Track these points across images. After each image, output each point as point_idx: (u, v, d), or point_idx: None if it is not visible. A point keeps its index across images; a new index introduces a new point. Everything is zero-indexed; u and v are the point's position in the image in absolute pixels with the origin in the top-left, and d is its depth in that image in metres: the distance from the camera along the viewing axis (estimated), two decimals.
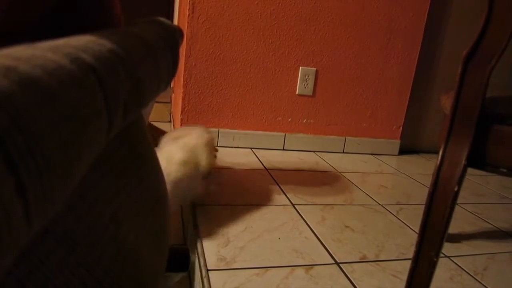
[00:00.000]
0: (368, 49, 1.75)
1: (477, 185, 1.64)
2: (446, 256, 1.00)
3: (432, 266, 0.67)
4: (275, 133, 1.74)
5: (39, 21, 0.29)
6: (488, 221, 1.25)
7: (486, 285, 0.89)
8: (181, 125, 1.62)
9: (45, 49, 0.21)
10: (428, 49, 1.88)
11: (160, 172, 0.39)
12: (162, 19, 0.40)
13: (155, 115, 2.30)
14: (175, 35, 0.39)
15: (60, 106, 0.19)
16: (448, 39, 1.92)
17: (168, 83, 0.37)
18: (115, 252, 0.29)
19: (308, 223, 1.07)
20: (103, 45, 0.26)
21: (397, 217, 1.19)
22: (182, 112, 1.61)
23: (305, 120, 1.76)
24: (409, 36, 1.79)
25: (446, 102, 0.80)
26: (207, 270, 0.81)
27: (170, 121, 2.37)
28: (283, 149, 1.75)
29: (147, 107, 0.88)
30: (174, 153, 1.04)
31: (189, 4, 1.51)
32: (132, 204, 0.32)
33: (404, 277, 0.88)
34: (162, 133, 1.25)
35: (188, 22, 1.53)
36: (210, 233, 0.95)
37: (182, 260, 0.77)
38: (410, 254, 0.98)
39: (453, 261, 0.98)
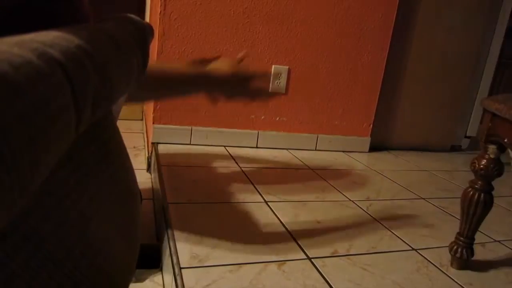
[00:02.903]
0: (339, 49, 1.78)
1: (443, 181, 1.71)
2: (413, 249, 1.03)
3: None
4: (248, 130, 1.74)
5: (4, 16, 0.28)
6: (453, 215, 1.30)
7: (451, 276, 0.93)
8: (153, 123, 1.60)
9: (11, 44, 0.21)
10: (397, 48, 1.93)
11: (130, 169, 0.39)
12: (132, 15, 0.39)
13: (126, 112, 2.26)
14: (145, 31, 0.39)
15: (27, 100, 0.19)
16: (416, 38, 1.98)
17: (138, 79, 0.37)
18: (85, 248, 0.29)
19: (281, 220, 1.09)
20: (71, 41, 0.25)
21: (367, 212, 1.22)
22: (154, 110, 1.59)
23: (278, 118, 1.77)
24: (379, 35, 1.83)
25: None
26: (180, 268, 0.80)
27: (142, 119, 2.33)
28: (257, 147, 1.76)
29: (117, 104, 0.86)
30: None
31: (160, 1, 1.49)
32: (102, 200, 0.32)
33: (374, 270, 0.90)
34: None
35: (159, 19, 1.51)
36: (183, 231, 0.94)
37: (153, 257, 0.76)
38: (380, 248, 1.01)
39: (419, 253, 1.02)
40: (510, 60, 2.35)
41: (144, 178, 1.52)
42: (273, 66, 1.70)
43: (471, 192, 0.92)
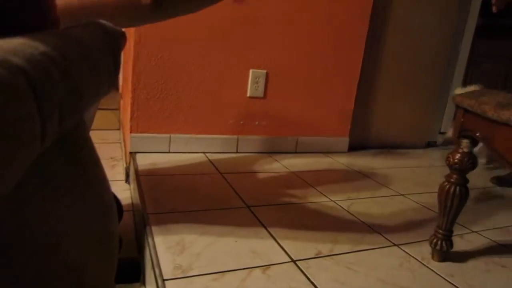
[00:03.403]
0: (315, 51, 1.80)
1: (421, 177, 1.74)
2: (394, 245, 1.05)
3: None
4: (227, 136, 1.74)
5: None
6: (432, 209, 1.32)
7: (433, 269, 0.94)
8: (130, 132, 1.57)
9: None
10: (372, 49, 1.97)
11: (105, 180, 0.38)
12: (103, 21, 0.39)
13: (103, 122, 2.22)
14: (117, 37, 0.38)
15: None
16: (390, 39, 2.02)
17: (110, 87, 0.36)
18: (56, 266, 0.27)
19: (264, 224, 1.08)
20: (36, 48, 0.24)
21: (348, 212, 1.24)
22: (131, 118, 1.57)
23: (257, 122, 1.78)
24: (354, 38, 1.86)
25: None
26: (163, 280, 0.79)
27: (119, 129, 2.29)
28: (237, 152, 1.75)
29: (89, 113, 0.84)
30: None
31: None
32: (74, 215, 0.31)
33: (358, 268, 0.91)
34: None
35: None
36: (164, 242, 0.93)
37: (133, 271, 0.75)
38: (362, 246, 1.02)
39: (401, 248, 1.03)
40: (480, 58, 2.42)
41: (123, 189, 1.49)
42: (250, 70, 1.70)
43: (447, 186, 0.94)
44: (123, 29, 0.43)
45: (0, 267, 0.23)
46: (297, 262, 0.91)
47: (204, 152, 1.69)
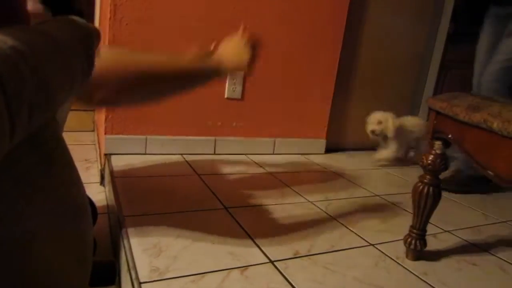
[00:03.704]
0: (292, 54, 1.81)
1: (395, 178, 1.78)
2: (370, 244, 1.06)
3: None
4: (205, 137, 1.72)
5: None
6: (406, 209, 1.35)
7: (407, 268, 0.96)
8: (105, 134, 1.54)
9: None
10: (347, 53, 2.00)
11: (78, 180, 0.37)
12: (76, 18, 0.38)
13: (77, 123, 2.17)
14: (90, 34, 0.37)
15: None
16: (366, 43, 2.06)
17: (83, 82, 0.35)
18: (30, 268, 0.26)
19: (242, 225, 1.08)
20: (4, 42, 0.24)
21: (326, 212, 1.25)
22: (106, 119, 1.54)
23: (234, 124, 1.77)
24: (330, 41, 1.88)
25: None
26: (140, 283, 0.78)
27: (93, 130, 2.24)
28: (214, 153, 1.74)
29: (62, 112, 0.82)
30: None
31: (110, 6, 1.44)
32: (47, 214, 0.30)
33: (335, 268, 0.92)
34: None
35: (109, 25, 1.46)
36: (141, 244, 0.91)
37: (108, 274, 0.73)
38: (340, 246, 1.03)
39: (377, 248, 1.05)
40: (451, 63, 2.49)
41: (97, 192, 1.46)
42: None
43: (421, 187, 0.96)
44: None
45: None
46: (275, 263, 0.91)
47: (181, 154, 1.67)
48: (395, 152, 1.91)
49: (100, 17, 2.03)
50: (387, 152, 1.92)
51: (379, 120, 1.86)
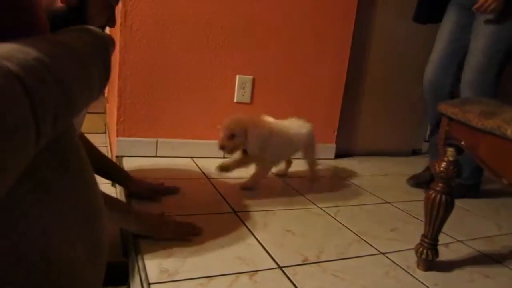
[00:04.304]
0: (301, 58, 1.81)
1: (406, 185, 1.76)
2: (380, 253, 1.05)
3: None
4: (215, 141, 1.72)
5: None
6: (417, 217, 1.34)
7: (418, 278, 0.95)
8: (117, 136, 1.55)
9: None
10: (357, 57, 1.99)
11: (94, 184, 0.37)
12: (92, 27, 0.39)
13: (89, 126, 2.19)
14: (106, 42, 0.38)
15: None
16: (374, 48, 2.05)
17: (101, 91, 0.36)
18: (47, 267, 0.27)
19: (251, 230, 1.08)
20: (29, 53, 0.24)
21: (335, 219, 1.24)
22: (117, 122, 1.55)
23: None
24: (339, 45, 1.88)
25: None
26: (149, 284, 0.78)
27: (105, 132, 2.26)
28: (224, 157, 1.74)
29: (78, 117, 0.83)
30: None
31: (120, 12, 1.46)
32: (64, 217, 0.30)
33: (344, 276, 0.91)
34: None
35: (120, 31, 1.48)
36: (151, 246, 0.91)
37: (120, 274, 0.73)
38: (349, 254, 1.02)
39: (387, 257, 1.04)
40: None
41: (109, 193, 1.46)
42: (237, 76, 1.70)
43: (433, 195, 0.95)
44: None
45: None
46: (283, 269, 0.91)
47: (191, 157, 1.68)
48: (262, 174, 1.41)
49: None
50: (252, 177, 1.39)
51: (232, 132, 1.28)
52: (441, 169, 0.93)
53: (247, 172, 1.41)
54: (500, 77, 1.46)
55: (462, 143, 0.90)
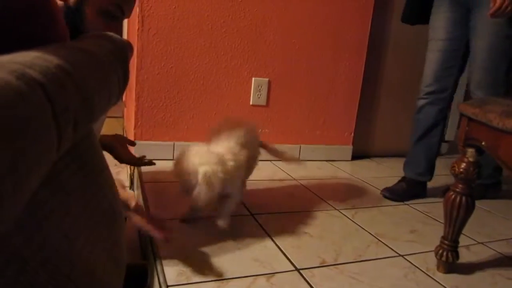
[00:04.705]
0: (317, 60, 1.81)
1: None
2: (399, 255, 1.04)
3: None
4: None
5: None
6: (436, 219, 1.32)
7: (438, 280, 0.93)
8: (134, 140, 1.57)
9: None
10: (373, 58, 1.97)
11: (113, 185, 0.38)
12: (110, 33, 0.39)
13: (107, 130, 2.23)
14: (124, 48, 0.39)
15: (6, 122, 0.18)
16: (392, 48, 2.03)
17: (120, 96, 0.37)
18: (69, 270, 0.28)
19: (268, 232, 1.08)
20: (50, 61, 0.25)
21: (352, 221, 1.23)
22: (135, 126, 1.58)
23: (260, 130, 1.78)
24: (355, 46, 1.87)
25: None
26: (167, 286, 0.79)
27: None
28: None
29: (98, 121, 0.85)
30: (198, 160, 0.92)
31: (138, 17, 1.49)
32: (85, 220, 0.31)
33: (362, 278, 0.90)
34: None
35: (138, 36, 1.51)
36: (168, 248, 0.92)
37: (140, 277, 0.74)
38: (367, 256, 1.01)
39: (406, 259, 1.02)
40: None
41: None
42: (253, 78, 1.71)
43: (453, 196, 0.93)
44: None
45: (13, 273, 0.23)
46: (301, 271, 0.90)
47: None
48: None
49: (128, 29, 2.09)
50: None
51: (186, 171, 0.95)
52: (461, 170, 0.91)
53: (260, 173, 1.41)
54: (510, 74, 1.41)
55: (483, 143, 0.88)
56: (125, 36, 2.23)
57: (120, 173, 1.74)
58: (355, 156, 2.02)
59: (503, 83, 1.38)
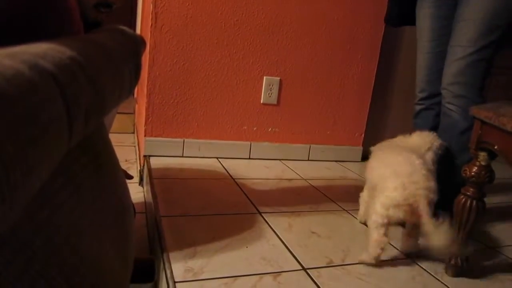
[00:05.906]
0: (329, 59, 1.80)
1: None
2: (408, 257, 1.03)
3: None
4: (240, 142, 1.74)
5: None
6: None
7: (446, 284, 0.93)
8: (145, 136, 1.59)
9: (3, 56, 0.21)
10: (386, 58, 1.96)
11: (123, 182, 0.38)
12: (123, 27, 0.40)
13: (118, 126, 2.25)
14: (137, 43, 0.39)
15: (18, 111, 0.18)
16: (405, 48, 2.01)
17: (131, 91, 0.37)
18: (77, 262, 0.28)
19: (275, 231, 1.08)
20: (63, 52, 0.25)
21: (361, 222, 1.22)
22: (146, 122, 1.59)
23: (270, 129, 1.78)
24: (368, 46, 1.85)
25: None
26: (174, 282, 0.79)
27: (133, 132, 2.32)
28: (249, 158, 1.75)
29: (109, 116, 0.86)
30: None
31: (151, 14, 1.50)
32: (94, 214, 0.31)
33: (369, 279, 0.90)
34: None
35: (151, 32, 1.52)
36: (176, 244, 0.93)
37: (147, 271, 0.75)
38: None
39: (414, 261, 1.01)
40: (495, 69, 2.39)
41: (136, 192, 1.50)
42: (264, 77, 1.71)
43: (464, 200, 0.92)
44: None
45: (23, 264, 0.24)
46: (308, 271, 0.90)
47: (217, 157, 1.69)
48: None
49: (141, 25, 2.11)
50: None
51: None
52: (472, 173, 0.90)
53: (269, 172, 1.41)
54: (494, 60, 1.28)
55: (495, 147, 0.87)
56: (138, 33, 2.25)
57: (130, 169, 1.75)
58: (366, 157, 2.00)
59: (488, 63, 1.30)
